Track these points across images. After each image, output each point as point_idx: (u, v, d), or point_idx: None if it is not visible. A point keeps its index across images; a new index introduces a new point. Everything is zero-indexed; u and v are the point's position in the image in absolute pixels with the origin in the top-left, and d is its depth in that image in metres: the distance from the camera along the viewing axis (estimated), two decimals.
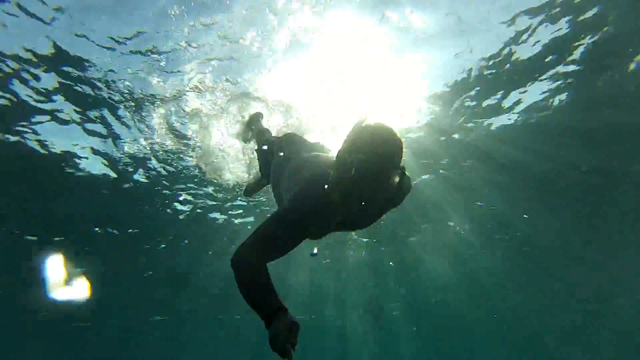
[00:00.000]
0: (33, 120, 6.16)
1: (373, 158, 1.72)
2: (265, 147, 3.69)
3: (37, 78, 5.43)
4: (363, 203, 1.83)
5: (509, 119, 7.04)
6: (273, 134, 4.58)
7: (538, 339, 27.45)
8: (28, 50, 5.01)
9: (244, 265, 1.86)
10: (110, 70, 5.45)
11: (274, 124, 5.96)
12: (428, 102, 6.50)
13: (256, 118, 5.24)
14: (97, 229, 9.84)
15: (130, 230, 10.16)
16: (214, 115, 5.96)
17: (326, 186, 1.95)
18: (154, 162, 7.51)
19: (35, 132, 6.42)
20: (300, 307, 18.61)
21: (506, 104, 6.70)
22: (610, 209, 9.97)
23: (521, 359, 35.19)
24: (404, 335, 27.14)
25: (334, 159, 1.90)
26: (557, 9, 5.03)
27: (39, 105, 5.87)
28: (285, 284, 14.51)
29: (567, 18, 5.17)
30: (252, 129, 5.20)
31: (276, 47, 5.16)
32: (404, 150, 1.81)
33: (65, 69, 5.39)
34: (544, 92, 6.46)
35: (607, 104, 6.60)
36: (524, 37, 5.47)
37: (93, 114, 6.22)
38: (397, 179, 1.82)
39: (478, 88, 6.33)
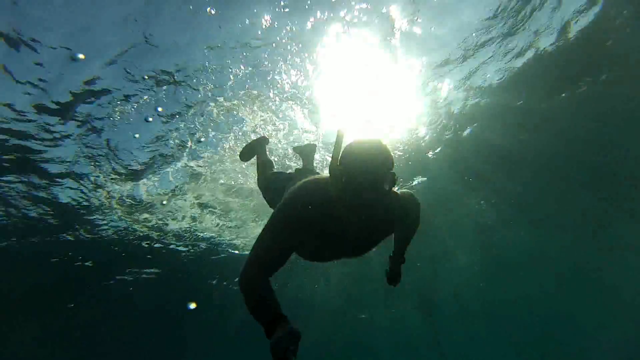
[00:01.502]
0: None
1: (359, 166, 1.82)
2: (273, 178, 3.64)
3: None
4: (362, 210, 1.87)
5: None
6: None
7: None
8: None
9: (248, 285, 2.01)
10: None
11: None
12: None
13: (261, 143, 4.63)
14: None
15: None
16: None
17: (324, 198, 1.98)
18: None
19: None
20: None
21: None
22: None
23: None
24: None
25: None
26: None
27: None
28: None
29: None
30: (256, 151, 4.56)
31: None
32: (391, 157, 1.89)
33: None
34: None
35: None
36: None
37: None
38: (387, 186, 1.87)
39: None
